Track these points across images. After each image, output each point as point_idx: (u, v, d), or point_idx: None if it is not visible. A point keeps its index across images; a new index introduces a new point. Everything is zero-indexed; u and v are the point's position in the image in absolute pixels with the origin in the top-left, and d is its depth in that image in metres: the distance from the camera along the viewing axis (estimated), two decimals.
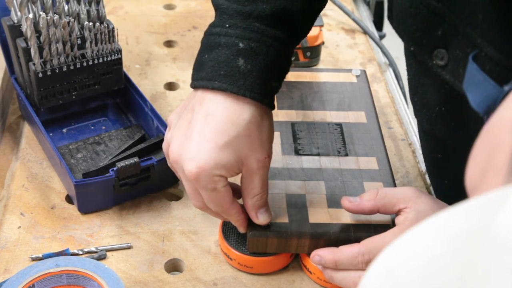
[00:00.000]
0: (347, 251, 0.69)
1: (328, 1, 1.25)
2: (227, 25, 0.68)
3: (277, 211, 0.74)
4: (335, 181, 0.79)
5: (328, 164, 0.81)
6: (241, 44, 0.67)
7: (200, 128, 0.66)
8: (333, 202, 0.76)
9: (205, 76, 0.67)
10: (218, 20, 0.69)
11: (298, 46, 1.04)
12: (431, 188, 0.87)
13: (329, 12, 1.21)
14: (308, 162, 0.81)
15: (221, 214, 0.71)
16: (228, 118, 0.66)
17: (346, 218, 0.74)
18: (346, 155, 0.82)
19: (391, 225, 0.72)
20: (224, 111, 0.66)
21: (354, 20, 1.18)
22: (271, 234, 0.72)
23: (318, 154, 0.82)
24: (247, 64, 0.66)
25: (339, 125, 0.87)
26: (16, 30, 0.84)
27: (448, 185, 0.79)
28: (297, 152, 0.82)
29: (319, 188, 0.78)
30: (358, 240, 0.70)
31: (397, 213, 0.70)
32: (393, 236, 0.67)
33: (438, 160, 0.77)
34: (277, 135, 0.84)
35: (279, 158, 0.81)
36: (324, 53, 1.11)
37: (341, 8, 1.19)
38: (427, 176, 0.89)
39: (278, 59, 0.68)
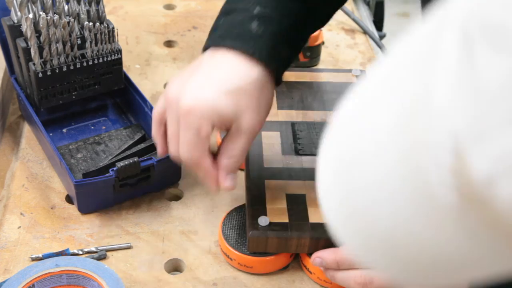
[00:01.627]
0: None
1: None
2: None
3: (277, 211, 0.74)
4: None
5: None
6: (256, 9, 0.68)
7: (207, 72, 0.66)
8: None
9: (218, 36, 0.69)
10: None
11: None
12: None
13: None
14: (308, 162, 0.81)
15: (192, 164, 0.69)
16: (236, 71, 0.66)
17: None
18: None
19: None
20: (233, 65, 0.67)
21: (354, 20, 1.18)
22: (271, 234, 0.72)
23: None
24: (260, 28, 0.68)
25: None
26: (16, 30, 0.84)
27: None
28: (297, 152, 0.82)
29: None
30: None
31: None
32: None
33: None
34: (277, 135, 0.84)
35: (279, 158, 0.81)
36: (324, 53, 1.11)
37: (341, 8, 1.18)
38: None
39: (291, 31, 0.70)
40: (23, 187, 0.84)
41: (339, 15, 1.21)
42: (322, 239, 0.72)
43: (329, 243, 0.72)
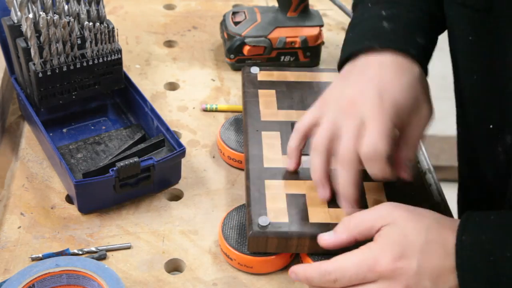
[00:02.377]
0: (317, 269, 0.65)
1: (328, 1, 1.25)
2: (369, 4, 0.79)
3: (277, 211, 0.74)
4: (335, 181, 0.79)
5: None
6: (383, 12, 0.77)
7: (374, 76, 0.72)
8: (333, 202, 0.76)
9: (352, 46, 0.76)
10: (359, 7, 0.80)
11: (298, 46, 1.04)
12: (431, 188, 0.87)
13: (329, 12, 1.21)
14: (308, 162, 0.81)
15: (374, 157, 0.69)
16: (399, 65, 0.73)
17: None
18: None
19: None
20: (393, 60, 0.73)
21: None
22: (271, 234, 0.72)
23: None
24: (391, 25, 0.75)
25: None
26: (16, 30, 0.84)
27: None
28: None
29: None
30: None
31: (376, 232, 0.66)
32: (360, 256, 0.64)
33: None
34: (277, 135, 0.84)
35: (279, 158, 0.81)
36: (324, 53, 1.11)
37: (341, 8, 1.19)
38: (427, 176, 0.89)
39: (419, 21, 0.77)
40: (23, 187, 0.84)
41: (339, 15, 1.21)
42: None
43: None
